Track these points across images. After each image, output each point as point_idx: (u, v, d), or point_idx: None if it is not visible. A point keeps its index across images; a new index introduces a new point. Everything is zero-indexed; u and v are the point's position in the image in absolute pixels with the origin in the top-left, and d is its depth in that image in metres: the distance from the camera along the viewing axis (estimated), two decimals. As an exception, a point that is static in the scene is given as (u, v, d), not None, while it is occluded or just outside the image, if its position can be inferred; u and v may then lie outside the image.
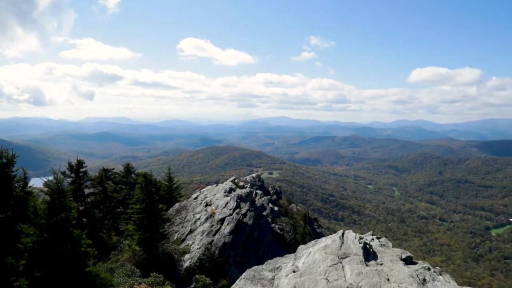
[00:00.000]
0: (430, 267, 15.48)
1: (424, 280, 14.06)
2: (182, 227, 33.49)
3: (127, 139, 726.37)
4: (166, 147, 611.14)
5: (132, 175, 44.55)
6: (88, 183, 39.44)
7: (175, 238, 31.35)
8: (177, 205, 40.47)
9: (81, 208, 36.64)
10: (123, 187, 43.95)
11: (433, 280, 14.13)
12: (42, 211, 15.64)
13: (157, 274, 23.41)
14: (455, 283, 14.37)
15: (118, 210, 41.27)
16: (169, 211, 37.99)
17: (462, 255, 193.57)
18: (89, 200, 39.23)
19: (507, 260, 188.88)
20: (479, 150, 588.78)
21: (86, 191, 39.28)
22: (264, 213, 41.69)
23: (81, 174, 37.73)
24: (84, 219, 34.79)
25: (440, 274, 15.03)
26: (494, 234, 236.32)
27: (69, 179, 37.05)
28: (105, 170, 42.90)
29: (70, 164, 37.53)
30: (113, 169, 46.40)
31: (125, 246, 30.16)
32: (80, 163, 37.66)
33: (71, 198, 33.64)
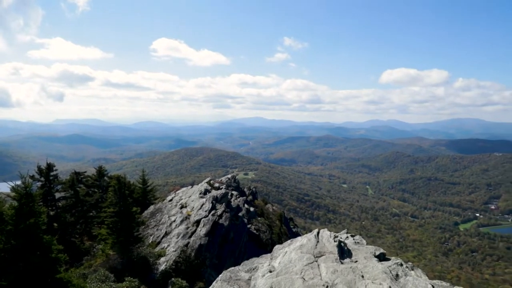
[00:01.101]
0: (403, 262, 15.85)
1: (397, 275, 14.40)
2: (157, 230, 33.00)
3: (100, 141, 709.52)
4: (140, 149, 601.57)
5: (105, 178, 43.49)
6: (59, 187, 38.24)
7: (150, 241, 30.86)
8: (152, 207, 39.89)
9: (51, 213, 35.55)
10: (96, 190, 42.90)
11: (405, 275, 14.48)
12: (9, 217, 15.07)
13: (132, 278, 22.99)
14: (426, 277, 14.79)
15: (91, 214, 40.25)
16: (143, 214, 37.39)
17: (432, 250, 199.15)
18: (60, 204, 38.09)
19: (474, 254, 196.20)
20: (447, 149, 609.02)
21: (57, 195, 38.10)
22: (240, 214, 41.57)
23: (51, 177, 36.54)
24: (55, 224, 33.79)
25: (412, 269, 15.42)
26: (462, 229, 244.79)
27: (39, 183, 35.82)
28: (77, 173, 41.74)
29: (39, 168, 36.30)
30: (85, 172, 45.18)
31: (98, 250, 29.46)
32: (50, 167, 36.50)
33: (41, 203, 32.61)
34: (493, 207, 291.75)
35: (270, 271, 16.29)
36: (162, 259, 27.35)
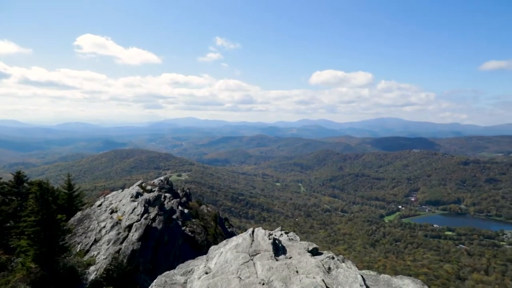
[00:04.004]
0: (334, 256, 16.59)
1: (329, 268, 15.05)
2: (85, 237, 31.19)
3: (18, 144, 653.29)
4: (64, 152, 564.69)
5: (25, 184, 40.16)
6: (-31, 196, 34.67)
7: (78, 250, 29.07)
8: (79, 214, 37.64)
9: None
10: (14, 198, 39.43)
11: (337, 267, 15.18)
12: None
13: (58, 291, 21.49)
14: (356, 268, 15.61)
15: (8, 224, 36.93)
16: (70, 221, 35.15)
17: (361, 242, 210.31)
18: (-30, 215, 34.50)
19: (397, 243, 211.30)
20: (372, 146, 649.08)
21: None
22: (174, 216, 40.77)
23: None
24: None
25: (343, 262, 16.19)
26: (386, 221, 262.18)
27: None
28: (-10, 180, 38.15)
29: None
30: (1, 178, 41.42)
31: (17, 264, 27.06)
32: (-42, 174, 32.96)
33: None
34: (413, 199, 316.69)
35: (206, 273, 16.16)
36: (92, 268, 25.90)
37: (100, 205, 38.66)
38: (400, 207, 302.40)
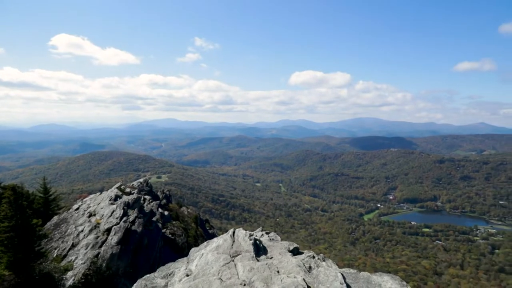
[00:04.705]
0: (315, 255, 16.71)
1: (310, 267, 15.15)
2: (62, 242, 30.48)
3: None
4: (39, 155, 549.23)
5: (-2, 188, 39.07)
6: None
7: (54, 255, 28.37)
8: (55, 218, 36.76)
9: None
10: (-14, 203, 38.30)
11: (318, 266, 15.30)
12: None
13: (34, 298, 20.90)
14: (336, 267, 15.78)
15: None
16: (46, 226, 34.30)
17: (342, 240, 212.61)
18: None
19: (377, 241, 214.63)
20: (351, 146, 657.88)
21: None
22: (154, 218, 40.32)
23: None
24: None
25: (324, 260, 16.32)
26: (366, 219, 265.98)
27: None
28: (-39, 185, 36.88)
29: None
30: (-28, 183, 40.10)
31: (-10, 271, 26.25)
32: None
33: None
34: (391, 197, 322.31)
35: (187, 275, 16.06)
36: (70, 273, 25.32)
37: (77, 208, 37.88)
38: (379, 205, 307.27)
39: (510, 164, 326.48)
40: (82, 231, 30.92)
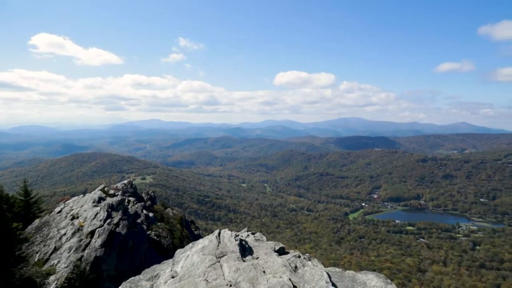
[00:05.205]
0: (300, 254, 16.79)
1: (296, 267, 15.21)
2: (44, 245, 29.88)
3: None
4: (20, 157, 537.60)
5: (-24, 191, 38.13)
6: None
7: (36, 259, 27.79)
8: (37, 221, 36.03)
9: None
10: (-35, 206, 37.33)
11: (303, 266, 15.37)
12: None
13: (14, 304, 20.42)
14: (322, 266, 15.87)
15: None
16: (27, 230, 33.59)
17: (327, 240, 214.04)
18: None
19: (362, 239, 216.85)
20: (336, 146, 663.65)
21: None
22: (139, 220, 39.86)
23: None
24: None
25: (309, 260, 16.40)
26: (351, 218, 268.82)
27: None
28: None
29: None
30: (-50, 186, 39.04)
31: (-32, 277, 25.56)
32: None
33: None
34: (375, 196, 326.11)
35: (173, 277, 15.98)
36: (52, 277, 24.82)
37: (60, 211, 37.21)
38: (363, 204, 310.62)
39: (490, 163, 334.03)
40: (64, 234, 30.38)
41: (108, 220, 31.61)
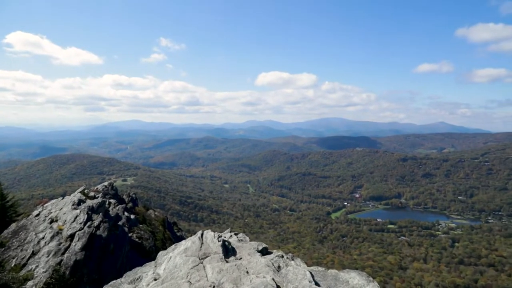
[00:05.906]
0: (284, 254, 16.83)
1: (279, 267, 15.23)
2: (21, 250, 29.10)
3: None
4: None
5: (-50, 195, 36.89)
6: None
7: (13, 264, 27.02)
8: (13, 225, 35.08)
9: None
10: None
11: (286, 265, 15.40)
12: None
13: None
14: (305, 265, 15.95)
15: None
16: (3, 234, 32.66)
17: (310, 239, 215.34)
18: None
19: (344, 238, 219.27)
20: (318, 146, 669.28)
21: None
22: (120, 222, 39.29)
23: None
24: None
25: (292, 259, 16.46)
26: (333, 218, 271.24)
27: None
28: None
29: None
30: None
31: None
32: None
33: None
34: (357, 195, 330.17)
35: (155, 279, 15.80)
36: (30, 283, 24.17)
37: (38, 214, 36.32)
38: (345, 203, 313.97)
39: (467, 161, 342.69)
40: (43, 238, 29.65)
41: (89, 223, 31.02)
